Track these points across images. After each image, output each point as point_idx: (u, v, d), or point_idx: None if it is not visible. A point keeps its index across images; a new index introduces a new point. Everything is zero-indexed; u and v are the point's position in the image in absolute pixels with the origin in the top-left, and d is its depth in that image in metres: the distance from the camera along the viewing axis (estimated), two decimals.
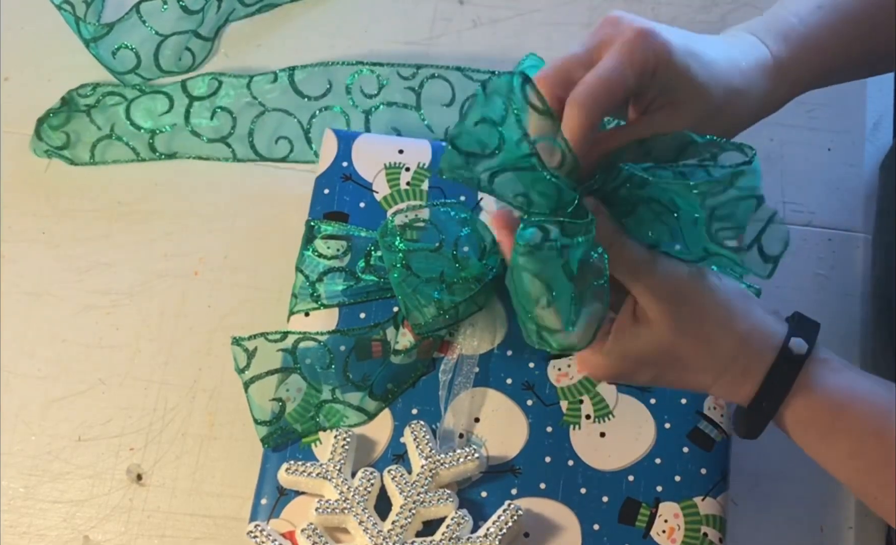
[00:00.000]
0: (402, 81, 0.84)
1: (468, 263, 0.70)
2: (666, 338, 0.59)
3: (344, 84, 0.83)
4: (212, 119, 0.83)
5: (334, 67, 0.84)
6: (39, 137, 0.81)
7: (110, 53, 0.83)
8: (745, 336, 0.59)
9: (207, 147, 0.82)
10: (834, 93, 0.83)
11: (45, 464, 0.73)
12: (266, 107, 0.83)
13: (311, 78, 0.84)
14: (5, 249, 0.79)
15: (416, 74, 0.84)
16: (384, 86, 0.83)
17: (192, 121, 0.82)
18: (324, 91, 0.83)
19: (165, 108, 0.83)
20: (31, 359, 0.76)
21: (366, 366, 0.70)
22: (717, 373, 0.60)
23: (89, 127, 0.82)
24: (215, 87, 0.83)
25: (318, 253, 0.73)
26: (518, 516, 0.65)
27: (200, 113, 0.83)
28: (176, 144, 0.82)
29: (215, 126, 0.83)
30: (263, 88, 0.83)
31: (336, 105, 0.83)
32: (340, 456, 0.67)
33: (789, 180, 0.81)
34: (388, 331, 0.71)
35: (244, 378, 0.70)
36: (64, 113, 0.82)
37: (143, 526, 0.71)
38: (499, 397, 0.70)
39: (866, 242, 0.78)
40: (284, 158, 0.82)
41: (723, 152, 0.57)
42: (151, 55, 0.83)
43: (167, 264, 0.79)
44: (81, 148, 0.82)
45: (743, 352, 0.59)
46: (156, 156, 0.82)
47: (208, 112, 0.83)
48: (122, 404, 0.74)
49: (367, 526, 0.65)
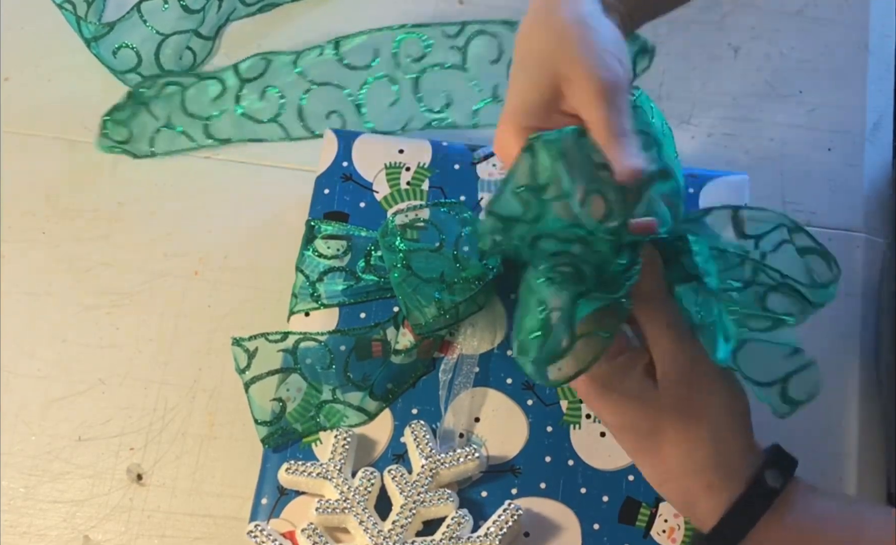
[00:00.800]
0: (447, 41, 0.83)
1: (469, 263, 0.70)
2: (657, 407, 0.59)
3: (390, 51, 0.83)
4: (261, 99, 0.83)
5: (379, 34, 0.83)
6: (104, 134, 0.82)
7: (111, 53, 0.83)
8: (727, 454, 0.59)
9: (260, 128, 0.83)
10: (834, 93, 0.84)
11: (45, 464, 0.73)
12: (314, 82, 0.83)
13: (357, 48, 0.83)
14: (5, 249, 0.79)
15: (460, 32, 0.83)
16: (428, 49, 0.82)
17: (242, 103, 0.83)
18: (370, 60, 0.83)
19: (218, 92, 0.83)
20: (31, 359, 0.76)
21: (366, 366, 0.70)
22: (680, 472, 0.59)
23: (148, 119, 0.83)
24: (263, 68, 0.83)
25: (318, 253, 0.73)
26: (518, 516, 0.65)
27: (250, 95, 0.83)
28: (229, 129, 0.83)
29: (264, 107, 0.83)
30: (310, 63, 0.83)
31: (382, 72, 0.83)
32: (341, 456, 0.67)
33: (789, 180, 0.81)
34: (388, 331, 0.71)
35: (245, 378, 0.70)
36: (128, 107, 0.82)
37: (143, 526, 0.71)
38: (499, 397, 0.70)
39: (866, 242, 0.78)
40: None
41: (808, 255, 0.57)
42: (152, 54, 0.83)
43: (167, 264, 0.79)
44: (142, 141, 0.82)
45: (716, 469, 0.59)
46: (211, 142, 0.82)
47: (257, 93, 0.83)
48: (122, 404, 0.74)
49: (367, 526, 0.65)
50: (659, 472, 0.61)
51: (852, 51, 0.85)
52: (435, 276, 0.69)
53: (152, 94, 0.83)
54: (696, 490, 0.59)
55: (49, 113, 0.84)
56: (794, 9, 0.87)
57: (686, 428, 0.59)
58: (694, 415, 0.59)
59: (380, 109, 0.83)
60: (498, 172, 0.76)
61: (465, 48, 0.83)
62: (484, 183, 0.75)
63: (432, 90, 0.83)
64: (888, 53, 0.85)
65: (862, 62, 0.84)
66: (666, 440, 0.59)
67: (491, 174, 0.75)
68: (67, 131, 0.83)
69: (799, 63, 0.85)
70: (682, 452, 0.59)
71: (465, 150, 0.76)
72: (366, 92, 0.82)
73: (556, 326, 0.55)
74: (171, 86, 0.83)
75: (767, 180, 0.80)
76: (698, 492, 0.59)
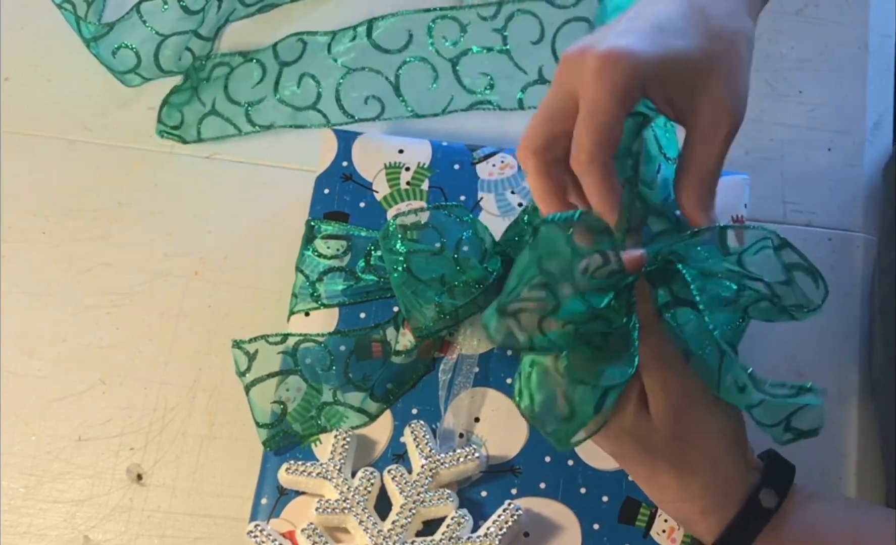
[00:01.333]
0: (484, 23, 0.81)
1: (469, 266, 0.69)
2: (653, 439, 0.58)
3: (424, 33, 0.82)
4: (298, 87, 0.83)
5: (413, 16, 0.82)
6: (160, 119, 0.83)
7: (110, 53, 0.83)
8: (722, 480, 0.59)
9: (300, 115, 0.83)
10: (834, 93, 0.83)
11: (45, 464, 0.73)
12: (349, 67, 0.83)
13: (390, 30, 0.83)
14: (5, 249, 0.79)
15: (497, 13, 0.82)
16: (465, 32, 0.81)
17: (280, 91, 0.83)
18: (405, 43, 0.82)
19: (259, 78, 0.83)
20: (31, 359, 0.76)
21: (366, 367, 0.70)
22: (676, 497, 0.60)
23: (197, 104, 0.83)
24: (300, 50, 0.83)
25: (318, 253, 0.73)
26: (518, 516, 0.65)
27: (288, 82, 0.83)
28: (270, 116, 0.83)
29: (302, 94, 0.83)
30: (344, 48, 0.83)
31: (418, 55, 0.82)
32: (340, 455, 0.67)
33: (789, 180, 0.80)
34: (388, 332, 0.71)
35: (245, 381, 0.70)
36: (184, 91, 0.83)
37: (143, 526, 0.71)
38: (499, 397, 0.70)
39: (866, 242, 0.78)
40: (378, 117, 0.82)
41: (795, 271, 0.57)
42: (152, 55, 0.83)
43: (167, 264, 0.79)
44: (192, 126, 0.83)
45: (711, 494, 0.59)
46: (254, 129, 0.83)
47: (294, 80, 0.83)
48: (122, 404, 0.74)
49: (367, 526, 0.65)
50: (656, 498, 0.61)
51: (852, 51, 0.85)
52: (435, 279, 0.69)
53: (203, 75, 0.84)
54: (692, 513, 0.60)
55: (49, 113, 0.84)
56: (794, 9, 0.86)
57: (680, 459, 0.59)
58: (688, 446, 0.59)
59: (419, 92, 0.83)
60: (498, 172, 0.76)
61: (505, 29, 0.82)
62: (484, 183, 0.75)
63: (473, 72, 0.82)
64: (888, 53, 0.85)
65: (862, 62, 0.84)
66: (661, 472, 0.59)
67: (491, 174, 0.75)
68: (67, 131, 0.83)
69: (799, 63, 0.85)
70: (677, 483, 0.59)
71: (465, 150, 0.76)
72: (402, 75, 0.82)
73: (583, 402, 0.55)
74: (220, 67, 0.84)
75: (767, 180, 0.80)
76: (694, 515, 0.60)
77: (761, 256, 0.57)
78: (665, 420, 0.58)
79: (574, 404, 0.56)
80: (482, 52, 0.81)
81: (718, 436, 0.59)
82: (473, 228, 0.70)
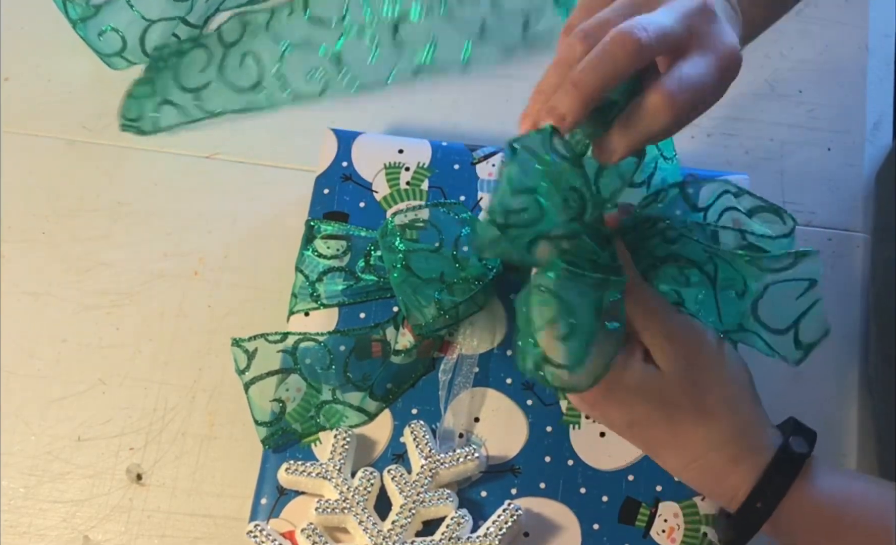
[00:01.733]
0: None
1: (468, 264, 0.70)
2: (666, 390, 0.57)
3: (359, 3, 0.81)
4: (240, 67, 0.82)
5: None
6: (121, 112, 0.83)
7: (97, 35, 0.83)
8: (745, 424, 0.58)
9: (245, 98, 0.82)
10: (834, 93, 0.84)
11: (45, 464, 0.73)
12: (289, 43, 0.82)
13: (325, 2, 0.82)
14: (5, 249, 0.80)
15: None
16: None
17: (224, 73, 0.82)
18: (342, 14, 0.81)
19: (204, 62, 0.83)
20: (31, 359, 0.76)
21: (366, 366, 0.70)
22: (703, 449, 0.58)
23: (151, 94, 0.83)
24: (241, 31, 0.83)
25: (318, 253, 0.73)
26: (518, 516, 0.65)
27: (231, 63, 0.82)
28: (218, 101, 0.82)
29: (244, 74, 0.82)
30: (282, 25, 0.82)
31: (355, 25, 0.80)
32: (340, 456, 0.67)
33: (789, 180, 0.81)
34: (388, 331, 0.71)
35: (244, 379, 0.70)
36: (144, 82, 0.83)
37: (143, 526, 0.71)
38: (499, 397, 0.70)
39: (866, 242, 0.78)
40: (321, 93, 0.81)
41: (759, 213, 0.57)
42: (137, 39, 0.83)
43: (167, 264, 0.79)
44: (148, 118, 0.83)
45: (738, 439, 0.58)
46: (204, 115, 0.82)
47: (237, 61, 0.82)
48: (122, 404, 0.75)
49: (367, 526, 0.65)
50: (680, 457, 0.59)
51: (852, 51, 0.85)
52: (434, 277, 0.69)
53: (162, 64, 0.83)
54: (722, 465, 0.58)
55: (49, 113, 0.84)
56: (794, 9, 0.86)
57: (700, 405, 0.57)
58: (705, 391, 0.58)
59: (361, 65, 0.81)
60: (498, 172, 0.75)
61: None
62: (483, 183, 0.75)
63: (413, 37, 0.80)
64: (888, 53, 0.85)
65: (862, 62, 0.84)
66: (682, 423, 0.58)
67: (491, 174, 0.75)
68: (67, 131, 0.84)
69: (799, 63, 0.85)
70: (702, 430, 0.58)
71: (465, 150, 0.77)
72: (342, 48, 0.80)
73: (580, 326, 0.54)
74: (174, 56, 0.83)
75: (767, 180, 0.80)
76: (724, 466, 0.58)
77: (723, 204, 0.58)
78: (676, 364, 0.57)
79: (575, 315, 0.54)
80: (421, 16, 0.80)
81: (732, 382, 0.58)
82: (473, 226, 0.71)
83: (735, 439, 0.58)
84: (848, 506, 0.58)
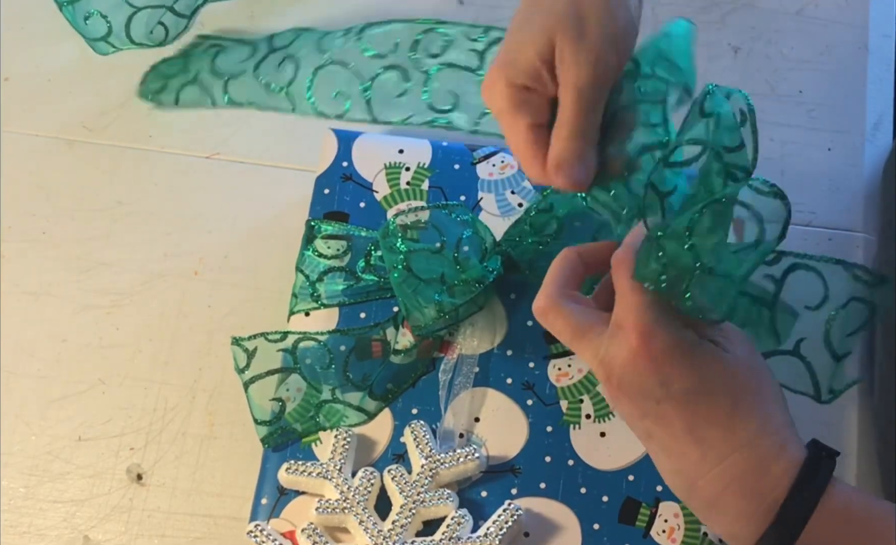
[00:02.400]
0: (468, 42, 0.82)
1: (469, 265, 0.70)
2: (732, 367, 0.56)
3: (410, 43, 0.82)
4: (278, 67, 0.83)
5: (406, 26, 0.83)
6: (144, 81, 0.84)
7: (82, 18, 0.82)
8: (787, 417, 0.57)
9: (271, 97, 0.83)
10: (834, 93, 0.84)
11: (45, 464, 0.73)
12: (331, 60, 0.82)
13: (381, 36, 0.83)
14: (5, 249, 0.79)
15: (484, 36, 0.82)
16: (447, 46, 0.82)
17: (260, 68, 0.83)
18: (389, 50, 0.82)
19: (246, 55, 0.84)
20: (31, 359, 0.76)
21: (366, 366, 0.70)
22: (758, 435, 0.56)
23: (182, 73, 0.84)
24: (291, 38, 0.84)
25: (318, 253, 0.73)
26: (518, 516, 0.65)
27: (270, 62, 0.83)
28: (246, 92, 0.83)
29: (277, 74, 0.83)
30: (332, 43, 0.83)
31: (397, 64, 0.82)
32: (340, 455, 0.67)
33: (789, 180, 0.80)
34: (388, 331, 0.71)
35: (244, 378, 0.70)
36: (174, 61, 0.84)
37: (143, 526, 0.71)
38: (499, 397, 0.70)
39: (866, 242, 0.78)
40: (340, 116, 0.82)
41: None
42: (122, 25, 0.83)
43: (167, 264, 0.79)
44: (171, 93, 0.84)
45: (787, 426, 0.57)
46: (226, 102, 0.83)
47: (276, 61, 0.83)
48: (122, 404, 0.74)
49: (367, 525, 0.65)
50: (729, 441, 0.56)
51: (852, 51, 0.85)
52: (435, 278, 0.69)
53: (200, 51, 0.84)
54: (771, 451, 0.56)
55: (49, 113, 0.84)
56: (794, 9, 0.87)
57: (761, 388, 0.57)
58: (763, 375, 0.57)
59: (386, 98, 0.82)
60: (498, 172, 0.76)
61: (484, 53, 0.82)
62: (484, 183, 0.75)
63: (441, 88, 0.82)
64: (888, 53, 0.85)
65: (862, 62, 0.84)
66: (743, 403, 0.56)
67: (491, 174, 0.75)
68: (67, 131, 0.84)
69: (799, 63, 0.85)
70: (763, 414, 0.56)
71: (465, 150, 0.76)
72: (376, 81, 0.82)
73: None
74: (214, 46, 0.84)
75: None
76: (772, 451, 0.56)
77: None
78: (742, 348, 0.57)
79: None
80: (455, 69, 0.81)
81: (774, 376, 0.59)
82: (474, 227, 0.71)
83: (787, 425, 0.57)
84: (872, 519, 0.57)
